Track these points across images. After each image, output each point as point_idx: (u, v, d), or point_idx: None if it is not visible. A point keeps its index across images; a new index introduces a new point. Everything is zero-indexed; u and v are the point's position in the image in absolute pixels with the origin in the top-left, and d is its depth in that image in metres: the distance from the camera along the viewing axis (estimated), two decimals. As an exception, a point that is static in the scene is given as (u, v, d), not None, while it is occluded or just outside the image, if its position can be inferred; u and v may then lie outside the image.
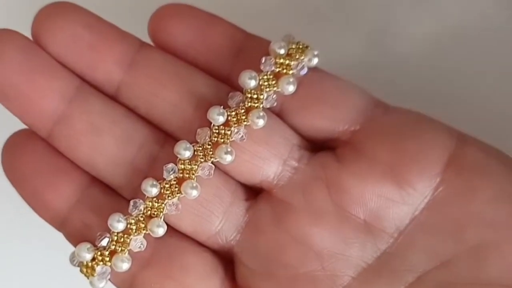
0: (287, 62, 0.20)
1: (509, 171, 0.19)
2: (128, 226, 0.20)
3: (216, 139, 0.20)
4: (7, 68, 0.19)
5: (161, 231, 0.20)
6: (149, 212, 0.20)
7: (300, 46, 0.20)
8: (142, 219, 0.20)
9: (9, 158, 0.20)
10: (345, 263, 0.19)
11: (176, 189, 0.20)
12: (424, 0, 0.27)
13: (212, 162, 0.20)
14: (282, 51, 0.20)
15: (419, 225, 0.19)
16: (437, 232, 0.19)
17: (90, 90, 0.20)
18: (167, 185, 0.20)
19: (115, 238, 0.20)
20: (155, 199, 0.20)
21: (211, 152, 0.20)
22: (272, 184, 0.20)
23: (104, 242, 0.20)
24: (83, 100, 0.20)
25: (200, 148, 0.20)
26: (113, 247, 0.20)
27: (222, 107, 0.20)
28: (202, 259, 0.20)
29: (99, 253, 0.20)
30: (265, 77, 0.20)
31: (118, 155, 0.20)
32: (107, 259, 0.20)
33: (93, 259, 0.20)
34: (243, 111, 0.20)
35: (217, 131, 0.20)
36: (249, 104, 0.20)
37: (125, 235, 0.20)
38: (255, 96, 0.20)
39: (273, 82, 0.20)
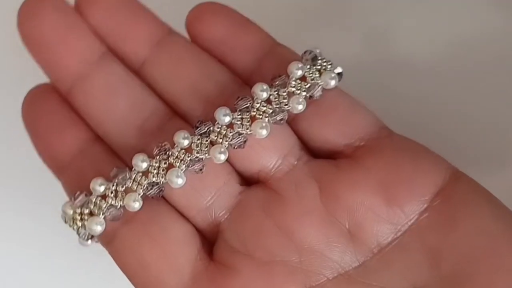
0: (300, 84, 0.21)
1: (493, 210, 0.20)
2: (107, 192, 0.21)
3: (216, 138, 0.20)
4: (44, 23, 0.21)
5: (137, 205, 0.20)
6: (130, 185, 0.21)
7: (319, 67, 0.21)
8: (122, 189, 0.21)
9: (28, 104, 0.22)
10: (323, 263, 0.20)
11: (163, 172, 0.20)
12: (422, 2, 0.28)
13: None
14: (299, 73, 0.21)
15: (399, 246, 0.20)
16: (415, 256, 0.20)
17: (114, 58, 0.22)
18: (156, 164, 0.20)
19: (93, 200, 0.21)
20: (140, 174, 0.21)
21: (206, 148, 0.20)
22: (269, 175, 0.21)
23: (81, 201, 0.21)
24: (106, 64, 0.22)
25: (198, 142, 0.20)
26: (92, 207, 0.21)
27: (228, 109, 0.21)
28: (183, 225, 0.21)
29: (78, 210, 0.21)
30: (276, 93, 0.21)
31: (127, 118, 0.21)
32: (86, 218, 0.20)
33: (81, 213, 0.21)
34: (248, 117, 0.21)
35: (218, 130, 0.21)
36: (255, 114, 0.21)
37: (102, 200, 0.21)
38: (263, 108, 0.21)
39: (284, 100, 0.21)
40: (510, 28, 0.27)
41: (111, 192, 0.20)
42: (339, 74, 0.22)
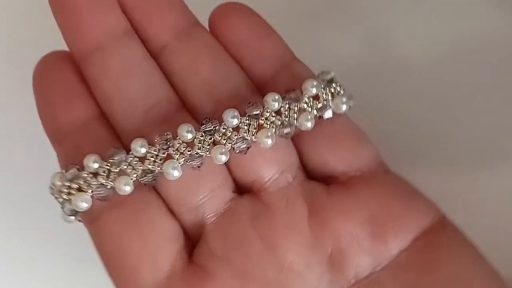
0: (312, 102, 0.21)
1: (474, 260, 0.20)
2: (99, 170, 0.20)
3: (219, 138, 0.20)
4: None
5: (128, 189, 0.20)
6: (125, 168, 0.20)
7: (333, 90, 0.21)
8: (116, 170, 0.20)
9: (40, 70, 0.22)
10: (300, 284, 0.20)
11: (160, 162, 0.20)
12: (422, 2, 0.28)
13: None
14: (313, 91, 0.21)
15: (376, 281, 0.20)
16: None
17: (136, 37, 0.22)
18: (155, 152, 0.20)
19: (84, 176, 0.20)
20: (136, 159, 0.20)
21: (208, 146, 0.20)
22: (263, 187, 0.21)
23: (71, 175, 0.20)
24: (127, 41, 0.21)
25: (202, 138, 0.20)
26: (81, 183, 0.20)
27: (237, 112, 0.20)
28: (171, 222, 0.21)
29: (67, 184, 0.20)
30: (287, 106, 0.21)
31: (136, 100, 0.21)
32: (73, 192, 0.20)
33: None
34: (256, 124, 0.20)
35: (224, 130, 0.20)
36: (263, 123, 0.21)
37: (93, 178, 0.20)
38: (272, 118, 0.21)
39: (294, 114, 0.21)
40: (510, 28, 0.27)
41: (104, 171, 0.20)
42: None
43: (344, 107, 0.21)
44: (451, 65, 0.27)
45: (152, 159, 0.20)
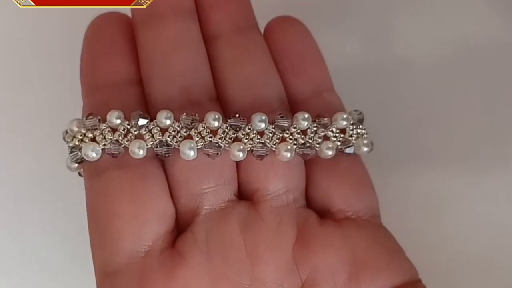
0: (338, 133, 0.21)
1: None
2: (119, 127, 0.21)
3: (242, 137, 0.21)
4: None
5: (141, 152, 0.20)
6: (144, 133, 0.21)
7: (359, 131, 0.22)
8: (135, 132, 0.20)
9: (94, 24, 0.23)
10: None
11: (180, 138, 0.20)
12: (423, 2, 0.28)
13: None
14: (343, 123, 0.21)
15: None
16: None
17: (196, 19, 0.22)
18: (178, 128, 0.20)
19: (102, 128, 0.21)
20: (158, 128, 0.20)
21: (229, 139, 0.21)
22: (263, 198, 0.21)
23: (90, 123, 0.21)
24: (186, 19, 0.22)
25: (226, 130, 0.21)
26: (97, 134, 0.21)
27: (267, 117, 0.21)
28: (167, 203, 0.21)
29: (83, 131, 0.21)
30: (314, 129, 0.21)
31: (176, 76, 0.21)
32: (86, 141, 0.21)
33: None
34: (280, 136, 0.21)
35: (249, 131, 0.21)
36: (287, 136, 0.21)
37: (110, 132, 0.21)
38: (297, 135, 0.21)
39: (319, 139, 0.21)
40: (510, 29, 0.27)
41: (123, 129, 0.20)
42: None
43: (365, 149, 0.22)
44: (451, 65, 0.27)
45: (173, 133, 0.20)
